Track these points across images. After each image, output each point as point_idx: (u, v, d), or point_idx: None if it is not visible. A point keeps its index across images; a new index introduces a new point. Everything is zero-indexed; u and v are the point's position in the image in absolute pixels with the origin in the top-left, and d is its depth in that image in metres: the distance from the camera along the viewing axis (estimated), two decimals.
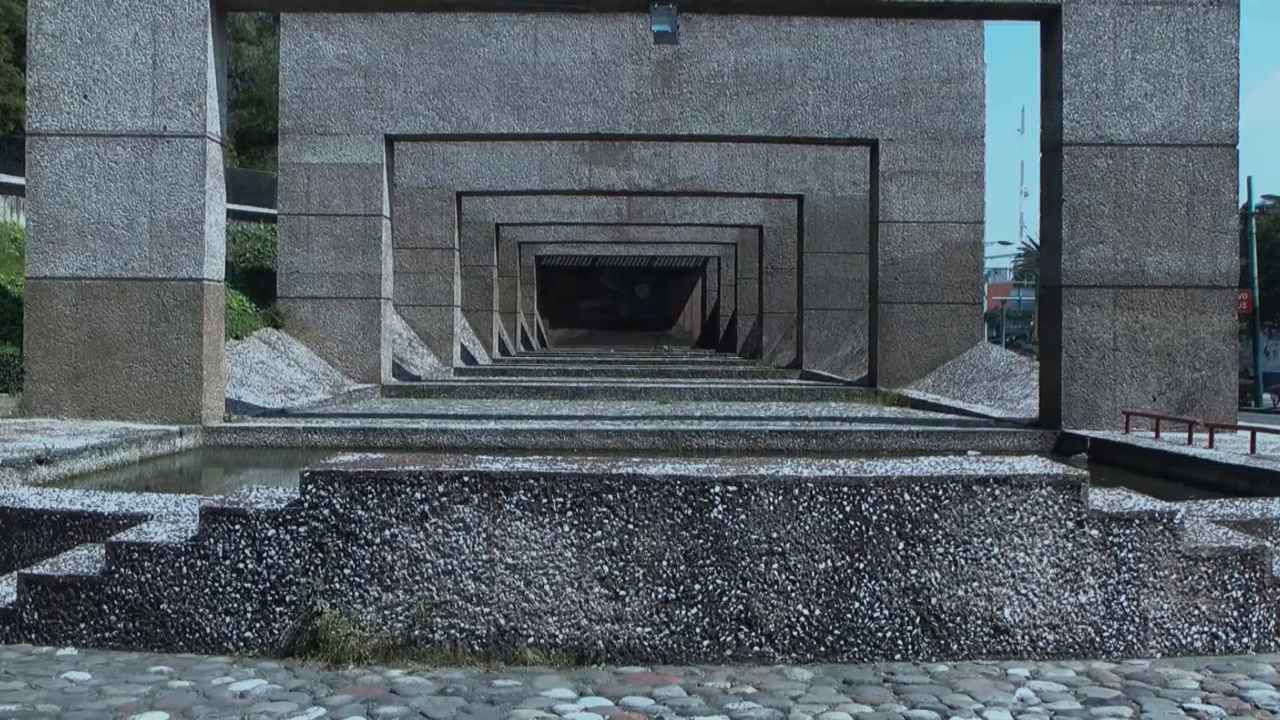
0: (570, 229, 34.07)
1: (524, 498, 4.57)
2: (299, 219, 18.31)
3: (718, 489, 4.57)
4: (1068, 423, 11.68)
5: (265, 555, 4.58)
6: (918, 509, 4.58)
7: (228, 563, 4.60)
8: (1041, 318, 13.39)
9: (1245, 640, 4.69)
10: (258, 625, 4.58)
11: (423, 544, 4.56)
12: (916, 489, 4.58)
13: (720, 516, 4.56)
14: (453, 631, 4.54)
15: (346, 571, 4.56)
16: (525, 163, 23.60)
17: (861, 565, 4.58)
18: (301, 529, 4.58)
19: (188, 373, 11.36)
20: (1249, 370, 37.49)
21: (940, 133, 18.70)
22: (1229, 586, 4.69)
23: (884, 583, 4.57)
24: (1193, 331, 11.71)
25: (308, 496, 4.58)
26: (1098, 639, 4.61)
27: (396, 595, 4.55)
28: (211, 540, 4.61)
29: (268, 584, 4.58)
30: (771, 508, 4.57)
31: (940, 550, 4.57)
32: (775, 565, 4.56)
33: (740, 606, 4.55)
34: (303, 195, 18.26)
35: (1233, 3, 11.66)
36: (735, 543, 4.56)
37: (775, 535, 4.56)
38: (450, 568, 4.55)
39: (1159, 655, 4.62)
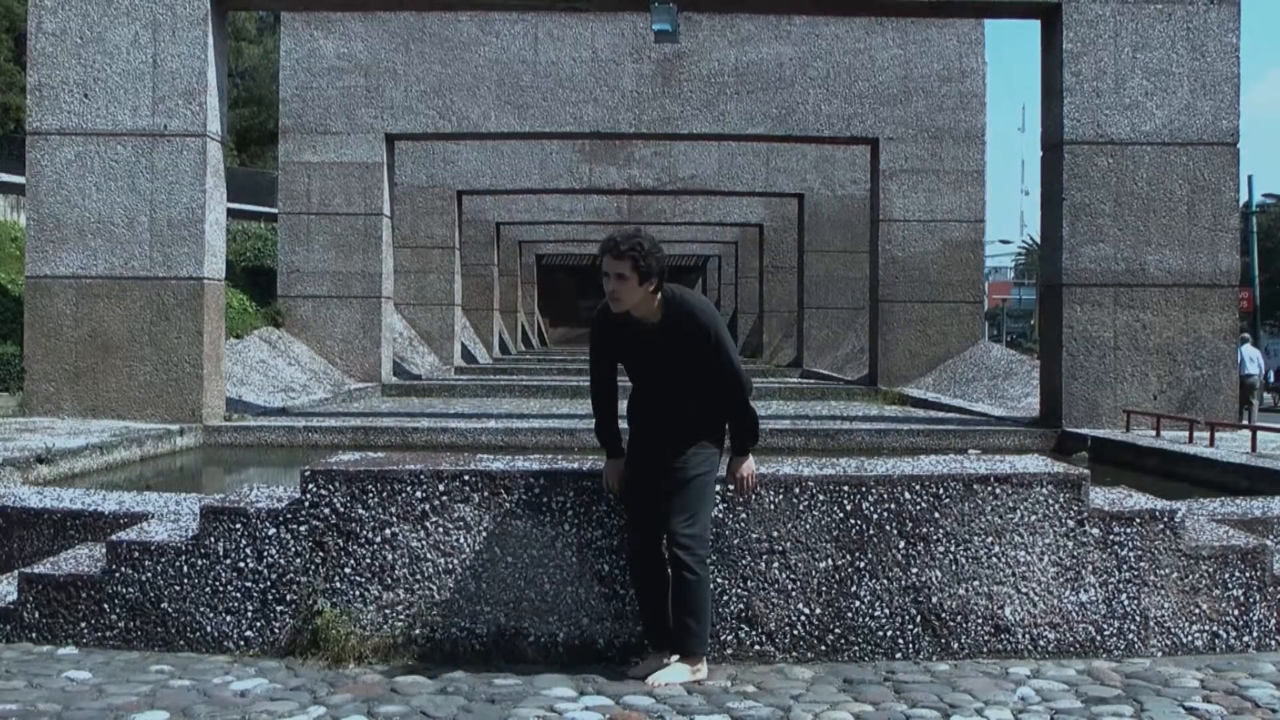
0: (570, 228, 34.02)
1: (524, 496, 4.57)
2: (299, 218, 18.30)
3: (718, 488, 4.56)
4: (1068, 421, 11.67)
5: (265, 554, 4.58)
6: (918, 508, 4.57)
7: (228, 562, 4.60)
8: (1042, 316, 13.38)
9: (1246, 639, 4.69)
10: (258, 624, 4.58)
11: (423, 543, 4.56)
12: (917, 488, 4.58)
13: (720, 515, 4.55)
14: (453, 630, 4.54)
15: (347, 570, 4.56)
16: (525, 161, 23.60)
17: (862, 564, 4.57)
18: (302, 528, 4.57)
19: (188, 372, 11.35)
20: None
21: (941, 131, 18.69)
22: (1230, 585, 4.68)
23: (885, 581, 4.56)
24: (1193, 330, 11.70)
25: (308, 495, 4.58)
26: (1098, 638, 4.61)
27: (397, 594, 4.55)
28: (212, 539, 4.61)
29: (268, 583, 4.58)
30: (772, 506, 4.56)
31: (941, 549, 4.57)
32: (776, 564, 4.56)
33: (741, 605, 4.55)
34: (303, 194, 18.25)
35: (1233, 1, 11.66)
36: (735, 541, 4.56)
37: (776, 534, 4.56)
38: (451, 566, 4.55)
39: (1160, 654, 4.62)
